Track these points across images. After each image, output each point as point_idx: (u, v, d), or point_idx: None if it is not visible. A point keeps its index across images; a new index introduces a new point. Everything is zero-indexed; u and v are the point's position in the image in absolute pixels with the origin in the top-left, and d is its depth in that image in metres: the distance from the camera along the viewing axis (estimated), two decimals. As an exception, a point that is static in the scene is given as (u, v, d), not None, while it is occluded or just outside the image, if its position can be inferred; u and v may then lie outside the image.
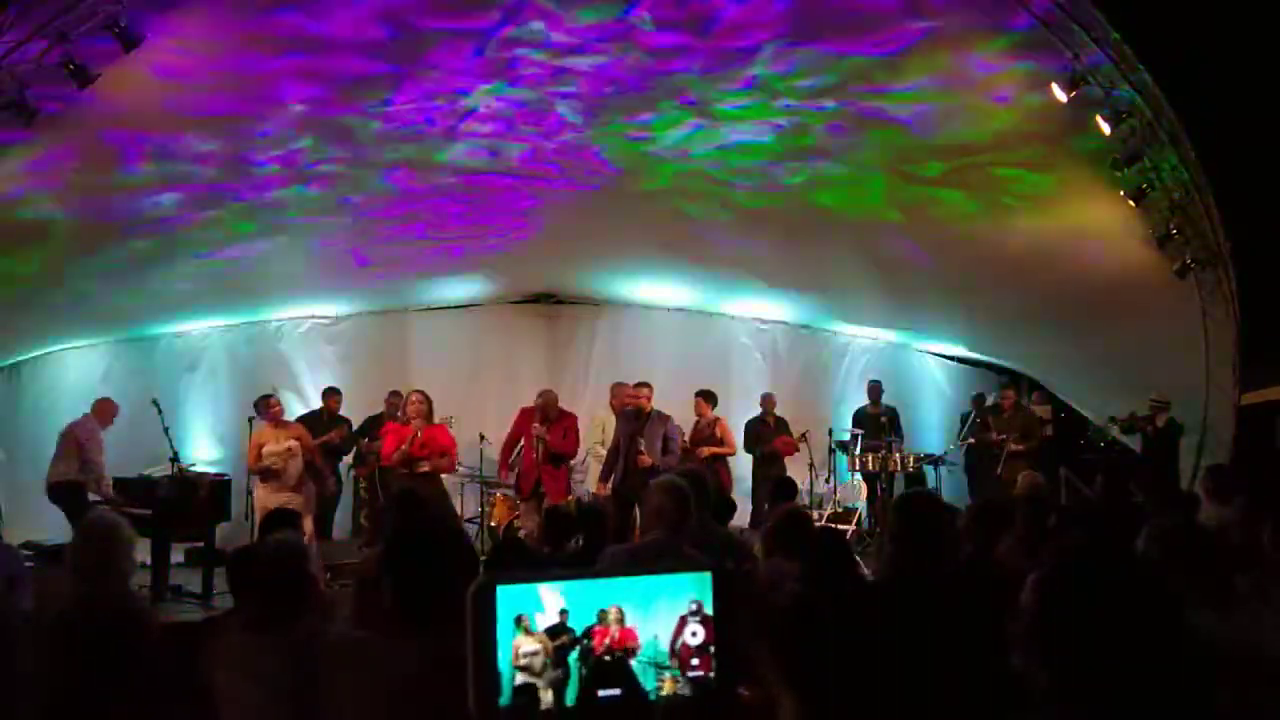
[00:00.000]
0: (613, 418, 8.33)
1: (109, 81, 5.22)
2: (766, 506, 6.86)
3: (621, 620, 1.25)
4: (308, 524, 7.14)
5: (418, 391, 7.30)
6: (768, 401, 9.65)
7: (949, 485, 9.61)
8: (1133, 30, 5.89)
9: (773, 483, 6.88)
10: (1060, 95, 6.02)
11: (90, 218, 6.79)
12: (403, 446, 6.99)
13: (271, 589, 2.79)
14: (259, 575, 2.86)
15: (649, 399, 7.75)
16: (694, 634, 1.27)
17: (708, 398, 8.86)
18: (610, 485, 7.72)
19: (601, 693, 1.24)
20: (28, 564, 7.13)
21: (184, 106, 5.82)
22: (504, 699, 1.18)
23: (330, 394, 9.04)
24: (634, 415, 7.72)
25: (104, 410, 7.76)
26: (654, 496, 3.63)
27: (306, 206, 7.54)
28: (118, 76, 5.25)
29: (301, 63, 5.68)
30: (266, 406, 7.67)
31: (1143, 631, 1.26)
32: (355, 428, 9.08)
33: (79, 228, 6.82)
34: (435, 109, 6.35)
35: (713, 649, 1.27)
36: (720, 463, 8.67)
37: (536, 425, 7.80)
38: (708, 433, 8.78)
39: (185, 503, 7.34)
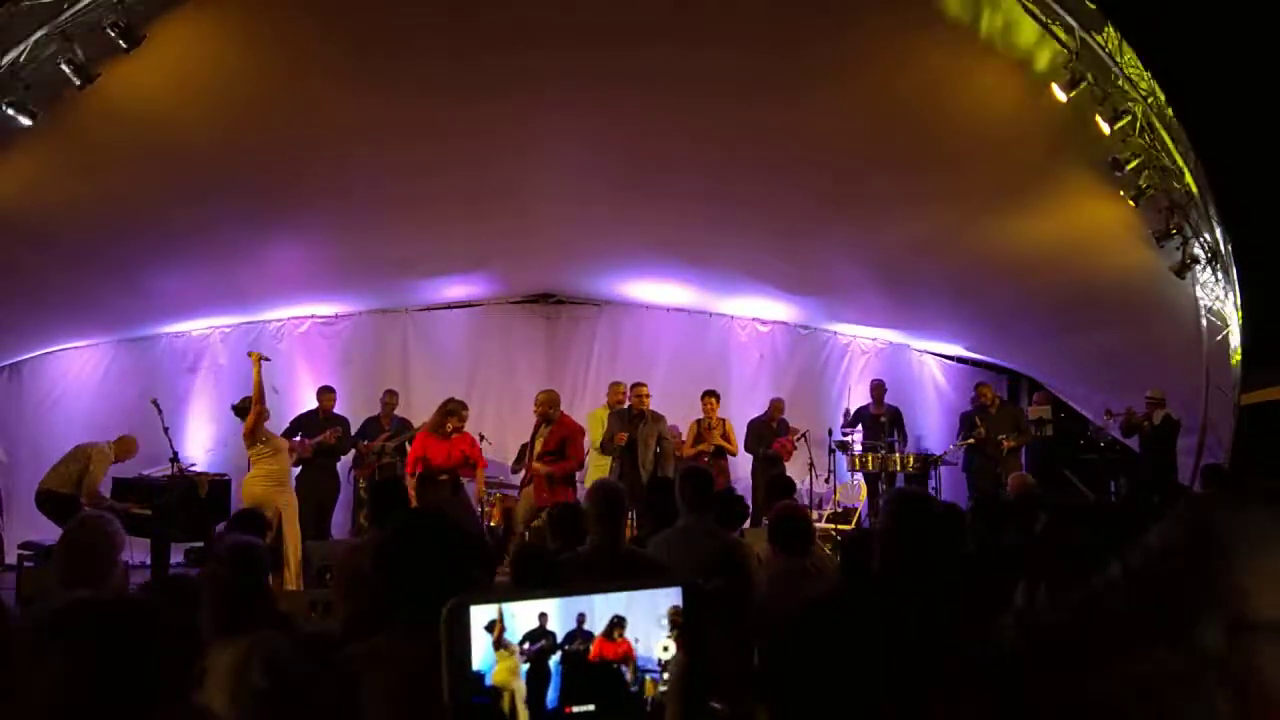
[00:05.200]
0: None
1: (109, 81, 5.23)
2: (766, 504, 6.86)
3: (614, 631, 1.25)
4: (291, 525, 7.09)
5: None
6: (775, 406, 9.62)
7: (949, 485, 9.62)
8: (1133, 29, 5.90)
9: (768, 481, 6.90)
10: (1060, 95, 6.02)
11: (91, 217, 6.79)
12: None
13: (225, 593, 2.71)
14: (212, 578, 2.79)
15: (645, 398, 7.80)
16: (665, 649, 1.28)
17: (716, 397, 8.87)
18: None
19: (578, 709, 1.25)
20: (27, 564, 7.16)
21: (186, 105, 5.82)
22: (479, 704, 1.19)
23: (324, 393, 9.04)
24: (634, 416, 7.73)
25: (125, 448, 7.66)
26: (587, 501, 3.57)
27: (307, 205, 7.54)
28: (118, 76, 5.25)
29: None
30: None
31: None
32: (355, 429, 9.08)
33: (79, 227, 6.82)
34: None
35: (684, 662, 1.27)
36: (723, 461, 8.68)
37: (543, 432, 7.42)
38: (720, 431, 8.79)
39: (185, 503, 7.34)
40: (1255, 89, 6.51)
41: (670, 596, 1.26)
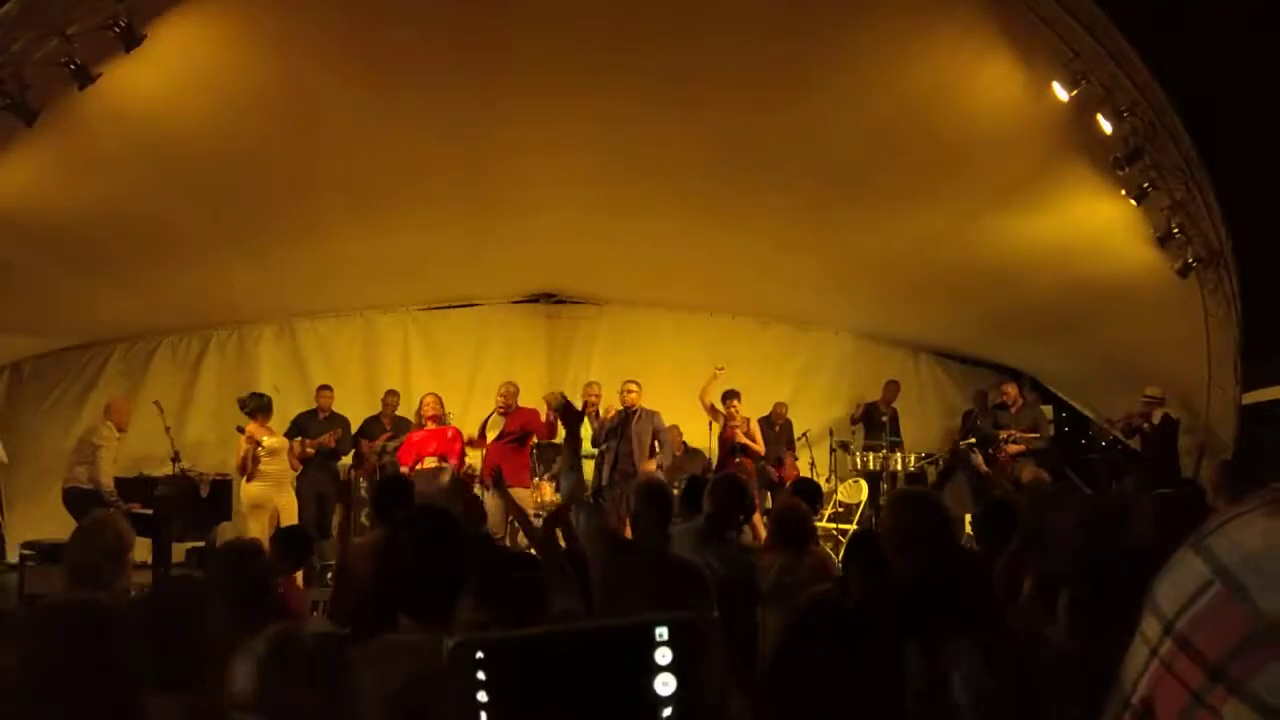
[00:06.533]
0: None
1: (110, 81, 5.21)
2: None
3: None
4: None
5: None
6: (777, 410, 9.62)
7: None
8: (1134, 28, 5.89)
9: (794, 482, 6.87)
10: (1060, 94, 6.01)
11: (90, 217, 6.78)
12: None
13: (230, 594, 2.65)
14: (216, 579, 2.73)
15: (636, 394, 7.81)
16: (664, 684, 1.27)
17: (738, 397, 8.89)
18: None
19: None
20: (29, 563, 7.16)
21: (185, 106, 5.81)
22: None
23: (323, 392, 9.03)
24: (627, 413, 7.72)
25: (117, 411, 7.66)
26: (635, 500, 3.54)
27: (307, 205, 7.54)
28: (118, 76, 5.24)
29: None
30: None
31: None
32: (356, 428, 9.07)
33: (79, 227, 6.81)
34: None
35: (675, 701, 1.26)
36: (748, 459, 8.70)
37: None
38: (744, 430, 8.79)
39: (185, 503, 7.34)
40: (1257, 87, 6.50)
41: (665, 631, 1.25)
